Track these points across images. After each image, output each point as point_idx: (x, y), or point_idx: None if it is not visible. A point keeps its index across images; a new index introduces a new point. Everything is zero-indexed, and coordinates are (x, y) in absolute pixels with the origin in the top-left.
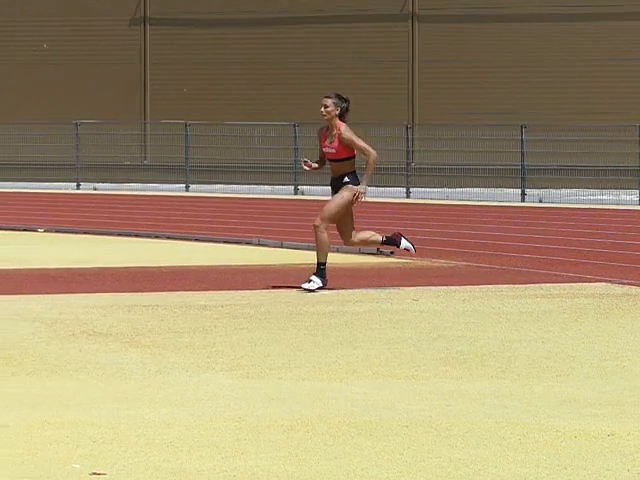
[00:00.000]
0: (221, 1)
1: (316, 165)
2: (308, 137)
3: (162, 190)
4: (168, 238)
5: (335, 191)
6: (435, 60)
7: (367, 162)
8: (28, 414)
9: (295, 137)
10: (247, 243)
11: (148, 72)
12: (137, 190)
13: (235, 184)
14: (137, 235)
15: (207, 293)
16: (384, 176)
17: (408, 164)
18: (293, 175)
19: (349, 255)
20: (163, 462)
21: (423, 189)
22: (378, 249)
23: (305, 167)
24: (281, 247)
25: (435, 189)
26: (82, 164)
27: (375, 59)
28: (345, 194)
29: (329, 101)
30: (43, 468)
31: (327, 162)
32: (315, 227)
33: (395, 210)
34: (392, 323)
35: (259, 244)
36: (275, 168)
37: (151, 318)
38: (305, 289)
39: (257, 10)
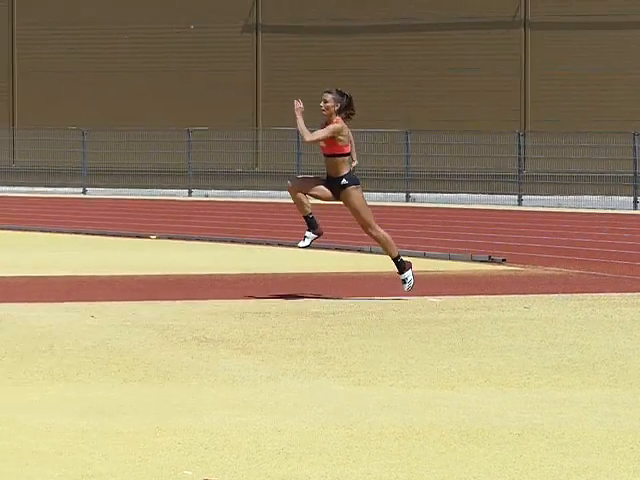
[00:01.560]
0: (334, 8)
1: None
2: (421, 144)
3: (274, 197)
4: (279, 245)
5: (331, 189)
6: (546, 67)
7: (305, 129)
8: (140, 420)
9: (407, 144)
10: (359, 250)
11: (260, 79)
12: (249, 197)
13: None
14: (248, 242)
15: (319, 300)
16: (495, 184)
17: (520, 172)
18: (405, 182)
19: (461, 263)
20: (274, 469)
21: (535, 197)
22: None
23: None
24: None
25: (547, 197)
26: (194, 171)
27: (487, 66)
28: (356, 199)
29: (329, 96)
30: (155, 475)
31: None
32: (371, 235)
33: (507, 218)
34: (504, 331)
35: (370, 251)
36: (387, 175)
37: (263, 325)
38: (407, 290)
39: (369, 17)
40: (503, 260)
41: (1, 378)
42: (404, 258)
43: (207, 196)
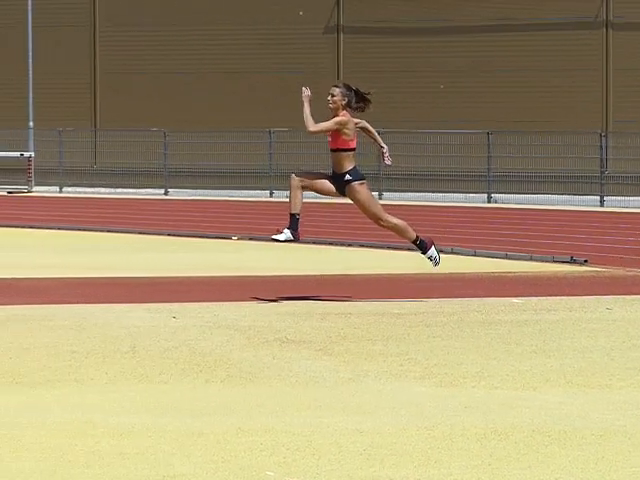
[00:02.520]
0: (415, 9)
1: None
2: (502, 145)
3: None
4: (361, 246)
5: (337, 186)
6: (629, 68)
7: (309, 118)
8: (222, 421)
9: (488, 145)
10: (441, 251)
11: (341, 80)
12: (334, 198)
13: (428, 192)
14: (331, 243)
15: (400, 301)
16: (577, 184)
17: (602, 172)
18: (486, 183)
19: (542, 264)
20: (356, 470)
21: (618, 198)
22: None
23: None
24: (474, 255)
25: (630, 197)
26: (275, 172)
27: (568, 67)
28: (363, 195)
29: (337, 90)
30: (237, 475)
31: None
32: (383, 226)
33: (589, 219)
34: (586, 332)
35: (452, 252)
36: (468, 176)
37: (344, 326)
38: (435, 266)
39: (449, 18)
40: (585, 261)
41: (83, 379)
42: (436, 243)
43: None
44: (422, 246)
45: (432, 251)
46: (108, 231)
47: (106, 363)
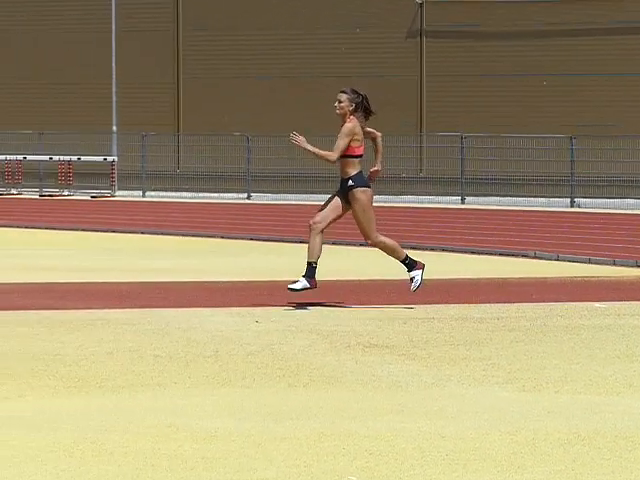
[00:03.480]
0: (497, 12)
1: (299, 139)
2: (585, 149)
3: (438, 202)
4: (442, 250)
5: (342, 195)
6: None
7: (322, 152)
8: (305, 425)
9: (571, 150)
10: (523, 256)
11: (425, 84)
12: (413, 202)
13: (511, 196)
14: (413, 248)
15: (482, 305)
16: None
17: None
18: (569, 187)
19: (626, 268)
20: (439, 475)
21: None
22: None
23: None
24: (557, 260)
25: None
26: None
27: None
28: (361, 204)
29: (344, 96)
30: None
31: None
32: (374, 244)
33: None
34: None
35: (535, 257)
36: (551, 181)
37: (427, 330)
38: (415, 289)
39: (531, 22)
40: None
41: (167, 383)
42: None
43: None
44: (410, 265)
45: (418, 273)
46: (191, 235)
47: (189, 367)
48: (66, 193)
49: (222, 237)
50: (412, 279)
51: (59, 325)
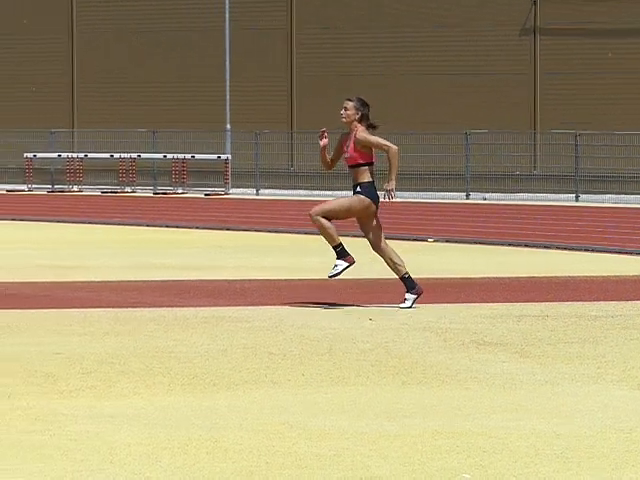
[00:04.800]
0: (611, 10)
1: (328, 156)
2: None
3: (551, 200)
4: (557, 248)
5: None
6: None
7: (388, 158)
8: (419, 423)
9: None
10: (639, 254)
11: (538, 82)
12: (526, 200)
13: (626, 194)
14: (527, 245)
15: (598, 303)
16: None
17: None
18: None
19: None
20: (552, 473)
21: None
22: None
23: (320, 139)
24: None
25: None
26: (472, 174)
27: None
28: (353, 201)
29: (350, 104)
30: (433, 477)
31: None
32: (310, 217)
33: None
34: None
35: None
36: None
37: (541, 328)
38: (330, 276)
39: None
40: None
41: (280, 381)
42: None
43: (485, 199)
44: (341, 254)
45: (343, 264)
46: (305, 233)
47: (303, 365)
48: (180, 191)
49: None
50: (335, 266)
51: (173, 323)
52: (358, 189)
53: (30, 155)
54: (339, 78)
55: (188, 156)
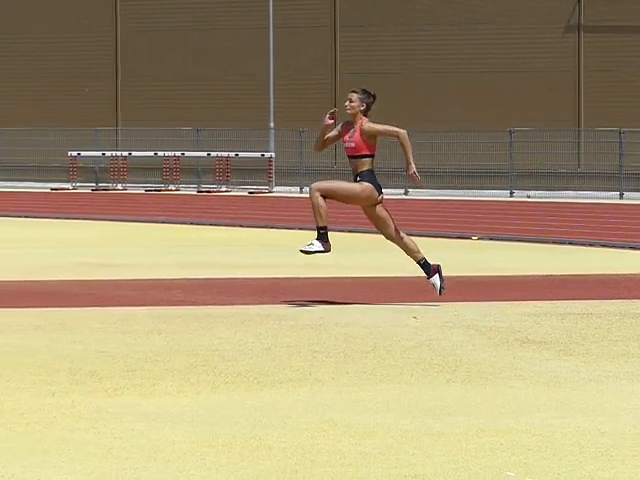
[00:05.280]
0: None
1: (332, 122)
2: None
3: (595, 198)
4: (602, 246)
5: None
6: None
7: (400, 143)
8: (463, 421)
9: None
10: None
11: (582, 79)
12: (571, 198)
13: None
14: (571, 243)
15: None
16: None
17: None
18: None
19: None
20: (597, 471)
21: None
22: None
23: (327, 118)
24: None
25: None
26: (516, 172)
27: None
28: (354, 185)
29: (355, 96)
30: (477, 475)
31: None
32: (309, 189)
33: None
34: None
35: None
36: None
37: (585, 326)
38: (302, 251)
39: None
40: None
41: (325, 379)
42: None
43: (529, 197)
44: (321, 237)
45: (318, 247)
46: (349, 231)
47: (347, 363)
48: (223, 189)
49: (377, 233)
50: (311, 243)
51: (218, 321)
52: (359, 178)
53: (74, 153)
54: (381, 76)
55: (232, 154)
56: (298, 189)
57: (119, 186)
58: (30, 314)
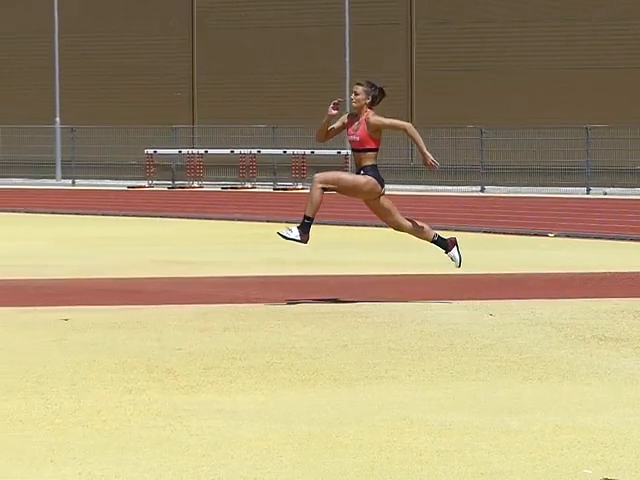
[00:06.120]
0: None
1: (336, 112)
2: None
3: None
4: None
5: None
6: None
7: (409, 135)
8: (539, 419)
9: None
10: None
11: None
12: None
13: None
14: None
15: None
16: None
17: None
18: None
19: None
20: None
21: None
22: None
23: (332, 108)
24: None
25: None
26: (592, 169)
27: None
28: (358, 177)
29: (360, 88)
30: (554, 473)
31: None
32: (313, 178)
33: None
34: None
35: None
36: None
37: None
38: (279, 233)
39: None
40: None
41: (401, 376)
42: None
43: (605, 194)
44: (304, 226)
45: (295, 235)
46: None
47: (423, 360)
48: (300, 187)
49: (456, 230)
50: (290, 230)
51: (294, 318)
52: (362, 172)
53: (151, 151)
54: (457, 73)
55: (308, 151)
56: None
57: (195, 184)
58: (107, 311)
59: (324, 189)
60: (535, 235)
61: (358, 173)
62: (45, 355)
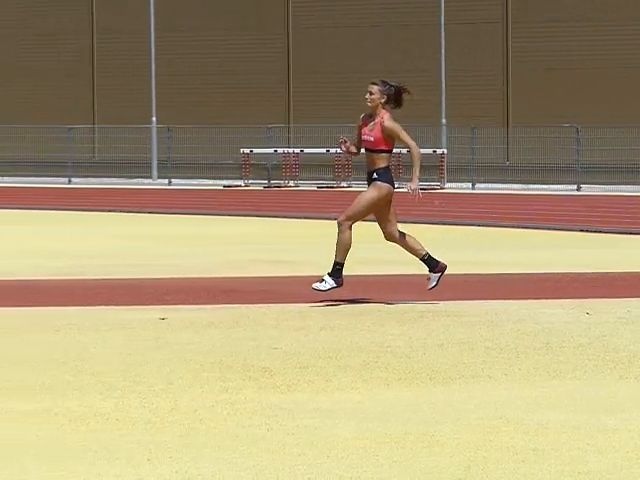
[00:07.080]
0: None
1: (354, 149)
2: None
3: None
4: None
5: (368, 185)
6: None
7: (412, 157)
8: (637, 418)
9: None
10: None
11: None
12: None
13: None
14: None
15: None
16: None
17: None
18: None
19: None
20: None
21: None
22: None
23: (342, 147)
24: None
25: None
26: None
27: None
28: (373, 193)
29: (375, 88)
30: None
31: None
32: (338, 224)
33: None
34: None
35: None
36: None
37: None
38: (315, 289)
39: None
40: None
41: (497, 375)
42: None
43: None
44: (335, 274)
45: (331, 284)
46: (524, 227)
47: (519, 359)
48: (395, 185)
49: (551, 229)
50: (323, 281)
51: (389, 317)
52: (375, 176)
53: (247, 151)
54: (551, 72)
55: (403, 151)
56: (470, 185)
57: (291, 183)
58: (203, 311)
59: (353, 221)
60: (630, 234)
61: (369, 177)
62: (142, 354)
